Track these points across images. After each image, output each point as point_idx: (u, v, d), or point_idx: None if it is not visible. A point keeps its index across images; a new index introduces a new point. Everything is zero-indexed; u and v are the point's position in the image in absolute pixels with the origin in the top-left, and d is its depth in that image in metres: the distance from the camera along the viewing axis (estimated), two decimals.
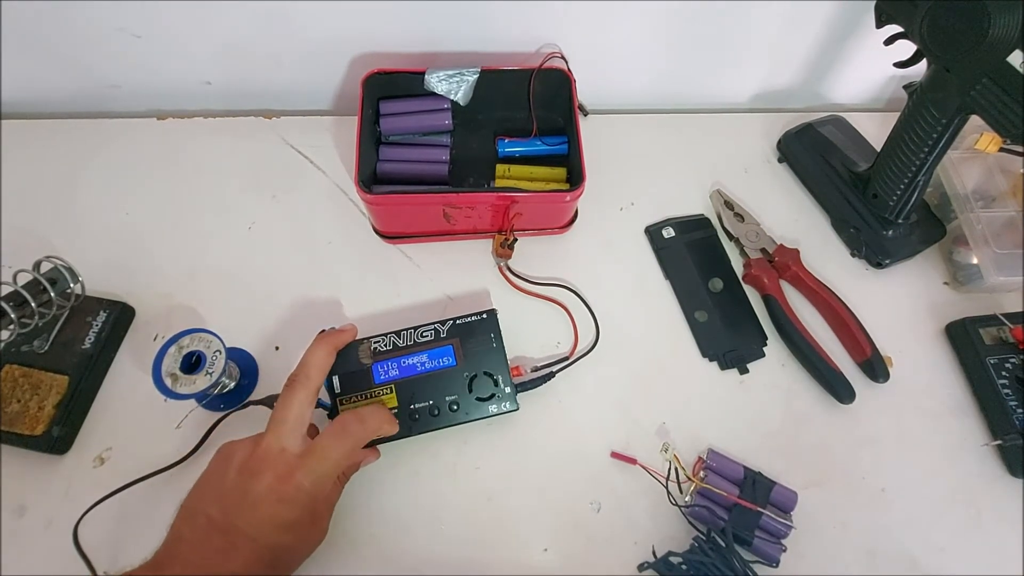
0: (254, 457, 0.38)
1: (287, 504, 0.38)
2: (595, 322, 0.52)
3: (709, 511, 0.44)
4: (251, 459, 0.38)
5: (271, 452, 0.39)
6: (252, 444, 0.40)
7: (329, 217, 0.57)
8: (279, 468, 0.38)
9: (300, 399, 0.40)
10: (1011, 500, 0.48)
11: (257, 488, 0.37)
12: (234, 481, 0.38)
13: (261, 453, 0.38)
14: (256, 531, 0.37)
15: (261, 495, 0.37)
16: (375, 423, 0.42)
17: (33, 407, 0.45)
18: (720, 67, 0.64)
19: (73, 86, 0.61)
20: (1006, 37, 0.40)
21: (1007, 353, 0.51)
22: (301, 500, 0.38)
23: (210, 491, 0.38)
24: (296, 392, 0.41)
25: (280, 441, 0.39)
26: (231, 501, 0.37)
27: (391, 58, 0.58)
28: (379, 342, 0.47)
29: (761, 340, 0.53)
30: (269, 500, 0.37)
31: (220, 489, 0.38)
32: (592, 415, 0.50)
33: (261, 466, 0.38)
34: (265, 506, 0.37)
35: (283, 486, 0.38)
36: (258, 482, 0.37)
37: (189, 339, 0.45)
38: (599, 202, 0.58)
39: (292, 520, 0.38)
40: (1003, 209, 0.54)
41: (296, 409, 0.40)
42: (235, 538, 0.36)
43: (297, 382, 0.41)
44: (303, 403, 0.40)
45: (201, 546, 0.36)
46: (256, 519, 0.37)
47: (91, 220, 0.56)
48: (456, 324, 0.47)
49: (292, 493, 0.38)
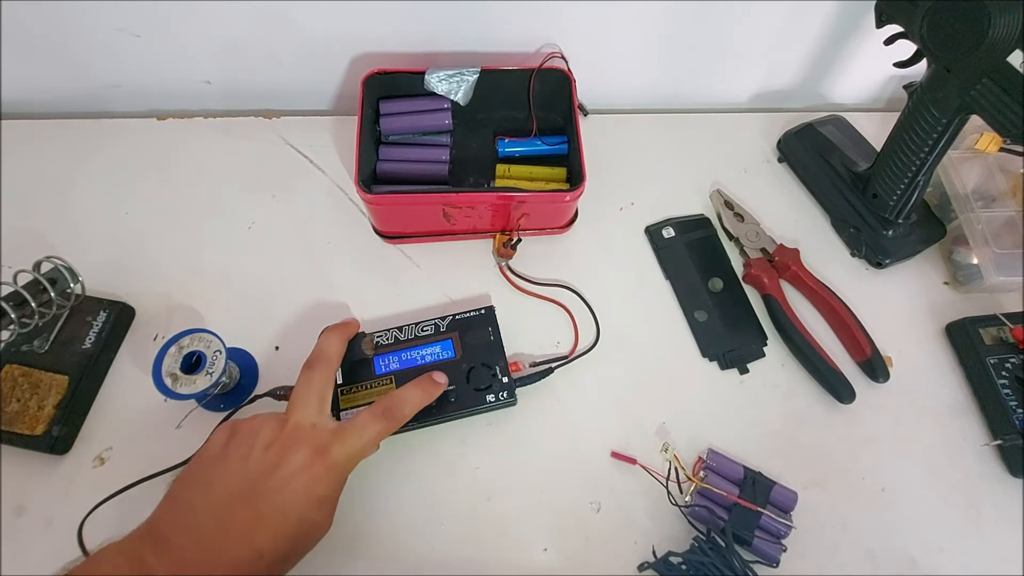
0: (284, 433, 0.38)
1: (321, 480, 0.37)
2: (596, 322, 0.52)
3: (709, 511, 0.44)
4: (282, 435, 0.38)
5: (303, 427, 0.39)
6: (277, 421, 0.39)
7: (329, 217, 0.57)
8: (314, 442, 0.38)
9: (321, 378, 0.41)
10: (1011, 500, 0.48)
11: (292, 462, 0.37)
12: (262, 456, 0.37)
13: (292, 428, 0.38)
14: (288, 505, 0.36)
15: (296, 469, 0.37)
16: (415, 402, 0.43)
17: (33, 407, 0.45)
18: (720, 67, 0.64)
19: (73, 86, 0.61)
20: (1006, 37, 0.40)
21: (1007, 353, 0.51)
22: (334, 477, 0.38)
23: (228, 466, 0.37)
24: (316, 372, 0.41)
25: (310, 417, 0.39)
26: (259, 475, 0.36)
27: (391, 58, 0.58)
28: (381, 336, 0.48)
29: (761, 340, 0.53)
30: (304, 475, 0.37)
31: (243, 464, 0.37)
32: (592, 415, 0.50)
33: (293, 441, 0.38)
34: (299, 480, 0.37)
35: (318, 461, 0.37)
36: (292, 456, 0.37)
37: (189, 339, 0.45)
38: (599, 202, 0.58)
39: (324, 496, 0.38)
40: (1003, 209, 0.54)
41: (319, 387, 0.41)
42: (265, 512, 0.35)
43: (317, 363, 0.42)
44: (324, 382, 0.41)
45: (221, 519, 0.35)
46: (290, 491, 0.36)
47: (91, 220, 0.56)
48: (456, 319, 0.49)
49: (326, 469, 0.38)
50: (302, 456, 0.37)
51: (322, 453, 0.38)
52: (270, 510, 0.36)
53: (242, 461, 0.37)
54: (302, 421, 0.39)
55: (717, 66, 0.63)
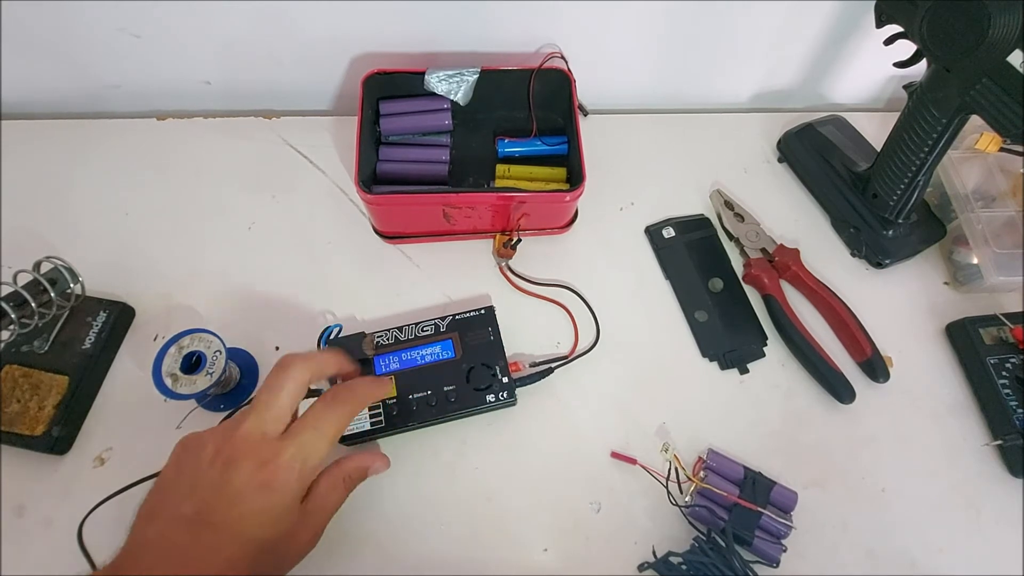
0: (230, 444, 0.35)
1: (272, 492, 0.34)
2: (596, 322, 0.52)
3: (709, 511, 0.44)
4: (227, 447, 0.35)
5: (251, 438, 0.35)
6: (224, 432, 0.36)
7: (329, 217, 0.57)
8: (261, 454, 0.35)
9: (294, 384, 0.37)
10: (1011, 500, 0.48)
11: (238, 478, 0.34)
12: (208, 474, 0.34)
13: (239, 439, 0.35)
14: (239, 525, 0.33)
15: (243, 485, 0.34)
16: (365, 388, 0.41)
17: (33, 407, 0.45)
18: (720, 67, 0.64)
19: (73, 86, 0.61)
20: (1006, 37, 0.40)
21: (1007, 353, 0.51)
22: (289, 485, 0.35)
23: (178, 488, 0.35)
24: (290, 375, 0.37)
25: (262, 426, 0.35)
26: (207, 495, 0.34)
27: (391, 58, 0.58)
28: (381, 336, 0.48)
29: (761, 340, 0.53)
30: (251, 489, 0.34)
31: (191, 484, 0.34)
32: (592, 415, 0.50)
33: (239, 454, 0.34)
34: (248, 497, 0.34)
35: (266, 472, 0.34)
36: (238, 471, 0.34)
37: (189, 339, 0.45)
38: (599, 202, 0.58)
39: (279, 510, 0.35)
40: (1003, 209, 0.54)
41: (287, 396, 0.36)
42: (214, 535, 0.33)
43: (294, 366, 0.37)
44: (294, 390, 0.37)
45: (173, 548, 0.33)
46: (239, 512, 0.33)
47: (91, 220, 0.56)
48: (456, 319, 0.49)
49: (278, 477, 0.34)
50: (247, 469, 0.34)
51: (269, 463, 0.34)
52: (222, 535, 0.33)
53: (189, 485, 0.34)
54: (251, 431, 0.35)
55: (717, 66, 0.63)
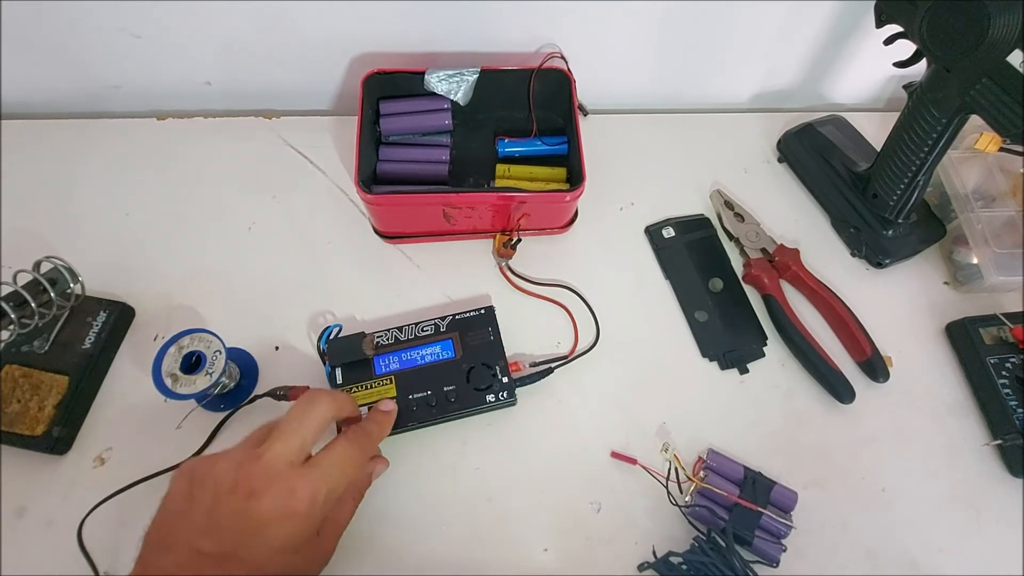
0: (251, 474, 0.34)
1: (296, 522, 0.34)
2: (595, 322, 0.52)
3: (709, 511, 0.44)
4: (247, 477, 0.34)
5: (276, 467, 0.34)
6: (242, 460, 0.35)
7: (329, 217, 0.57)
8: (286, 483, 0.34)
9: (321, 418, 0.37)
10: (1011, 500, 0.48)
11: (262, 508, 0.33)
12: (229, 504, 0.33)
13: (263, 468, 0.34)
14: (263, 559, 0.33)
15: (268, 515, 0.33)
16: (381, 427, 0.42)
17: (33, 407, 0.45)
18: (720, 67, 0.64)
19: (73, 86, 0.61)
20: (1006, 37, 0.40)
21: (1007, 353, 0.51)
22: (313, 516, 0.34)
23: (193, 518, 0.33)
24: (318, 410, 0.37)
25: (288, 455, 0.35)
26: (228, 527, 0.33)
27: (391, 58, 0.58)
28: (381, 336, 0.48)
29: (761, 340, 0.53)
30: (276, 519, 0.33)
31: (210, 516, 0.33)
32: (592, 415, 0.50)
33: (263, 484, 0.33)
34: (273, 527, 0.33)
35: (293, 501, 0.34)
36: (262, 501, 0.33)
37: (189, 339, 0.45)
38: (599, 202, 0.58)
39: (302, 540, 0.34)
40: (1003, 209, 0.54)
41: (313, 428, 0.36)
42: (238, 567, 0.32)
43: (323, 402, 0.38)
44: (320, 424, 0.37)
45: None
46: (262, 545, 0.33)
47: (91, 220, 0.56)
48: (456, 319, 0.49)
49: (307, 508, 0.34)
50: (272, 501, 0.33)
51: (294, 494, 0.34)
52: (243, 567, 0.32)
53: (208, 513, 0.33)
54: (277, 460, 0.34)
55: (717, 66, 0.63)
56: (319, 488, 0.35)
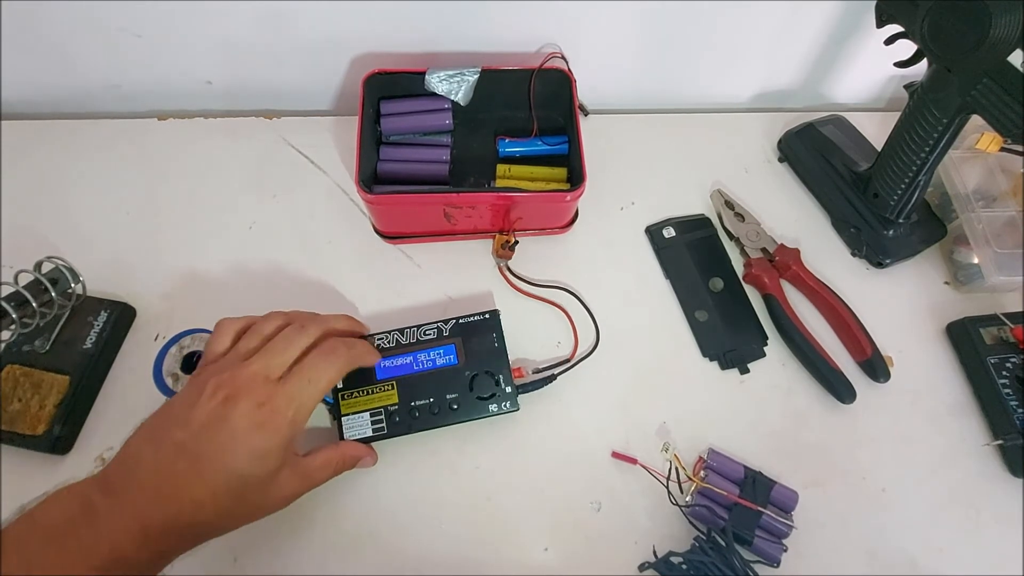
0: (233, 382, 0.37)
1: (265, 431, 0.36)
2: (595, 325, 0.52)
3: (710, 511, 0.44)
4: (229, 383, 0.37)
5: (256, 379, 0.37)
6: (231, 366, 0.38)
7: (329, 217, 0.57)
8: (260, 393, 0.37)
9: (303, 342, 0.40)
10: (1011, 500, 0.48)
11: (234, 413, 0.36)
12: (207, 405, 0.36)
13: (244, 378, 0.37)
14: (229, 457, 0.35)
15: (238, 421, 0.35)
16: (361, 348, 0.43)
17: (34, 407, 0.45)
18: (720, 67, 0.63)
19: (73, 86, 0.61)
20: (1007, 37, 0.40)
21: (1008, 353, 0.51)
22: (280, 427, 0.37)
23: (178, 414, 0.36)
24: (306, 334, 0.40)
25: (268, 370, 0.38)
26: (202, 425, 0.35)
27: (391, 58, 0.58)
28: (382, 339, 0.47)
29: (761, 340, 0.53)
30: (245, 426, 0.35)
31: (191, 412, 0.36)
32: (592, 415, 0.50)
33: (240, 392, 0.36)
34: (241, 433, 0.35)
35: (262, 411, 0.36)
36: (235, 407, 0.36)
37: (190, 339, 0.45)
38: (599, 202, 0.58)
39: (268, 449, 0.36)
40: (1004, 209, 0.54)
41: (294, 351, 0.39)
42: (203, 464, 0.35)
43: (314, 326, 0.40)
44: (301, 346, 0.40)
45: (163, 469, 0.34)
46: (230, 445, 0.35)
47: (92, 220, 0.56)
48: (459, 323, 0.48)
49: (271, 419, 0.36)
50: (245, 407, 0.36)
51: (266, 403, 0.36)
52: (209, 464, 0.35)
53: (188, 409, 0.36)
54: (257, 372, 0.37)
55: (718, 66, 0.63)
56: (289, 403, 0.37)
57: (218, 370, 0.38)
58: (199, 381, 0.38)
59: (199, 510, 0.35)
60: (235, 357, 0.39)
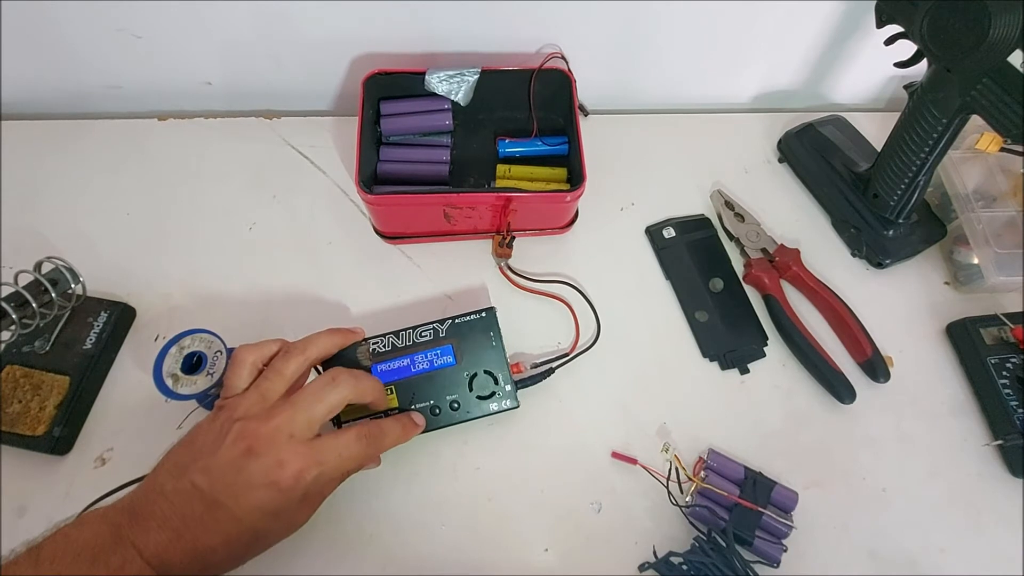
0: (256, 433, 0.36)
1: (282, 494, 0.36)
2: (596, 316, 0.52)
3: (710, 511, 0.44)
4: (252, 435, 0.36)
5: (279, 435, 0.36)
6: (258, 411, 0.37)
7: (329, 217, 0.57)
8: (283, 454, 0.36)
9: (337, 400, 0.39)
10: (1011, 500, 0.48)
11: (253, 469, 0.35)
12: (228, 454, 0.36)
13: (267, 432, 0.36)
14: (243, 513, 0.35)
15: (256, 478, 0.35)
16: (399, 435, 0.42)
17: (34, 407, 0.45)
18: (721, 67, 0.63)
19: (73, 86, 0.61)
20: (1007, 37, 0.40)
21: (1008, 353, 0.51)
22: (298, 492, 0.36)
23: (202, 454, 0.36)
24: (338, 391, 0.39)
25: (292, 427, 0.37)
26: (222, 475, 0.35)
27: (391, 58, 0.58)
28: (378, 343, 0.46)
29: (761, 340, 0.53)
30: (263, 485, 0.35)
31: (212, 459, 0.36)
32: (592, 415, 0.50)
33: (262, 446, 0.36)
34: (259, 491, 0.35)
35: (281, 473, 0.36)
36: (255, 462, 0.35)
37: (190, 339, 0.45)
38: (599, 202, 0.58)
39: (283, 508, 0.36)
40: (1004, 209, 0.54)
41: (326, 408, 0.38)
42: (219, 513, 0.35)
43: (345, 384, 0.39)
44: (335, 405, 0.39)
45: (182, 509, 0.35)
46: (246, 502, 0.35)
47: (92, 221, 0.56)
48: (455, 323, 0.47)
49: (291, 484, 0.36)
50: (264, 466, 0.35)
51: (288, 466, 0.36)
52: (225, 516, 0.35)
53: (210, 451, 0.36)
54: (281, 429, 0.36)
55: (718, 66, 0.63)
56: (310, 468, 0.36)
57: (244, 413, 0.37)
58: (223, 418, 0.37)
59: (212, 553, 0.35)
60: (259, 400, 0.38)
